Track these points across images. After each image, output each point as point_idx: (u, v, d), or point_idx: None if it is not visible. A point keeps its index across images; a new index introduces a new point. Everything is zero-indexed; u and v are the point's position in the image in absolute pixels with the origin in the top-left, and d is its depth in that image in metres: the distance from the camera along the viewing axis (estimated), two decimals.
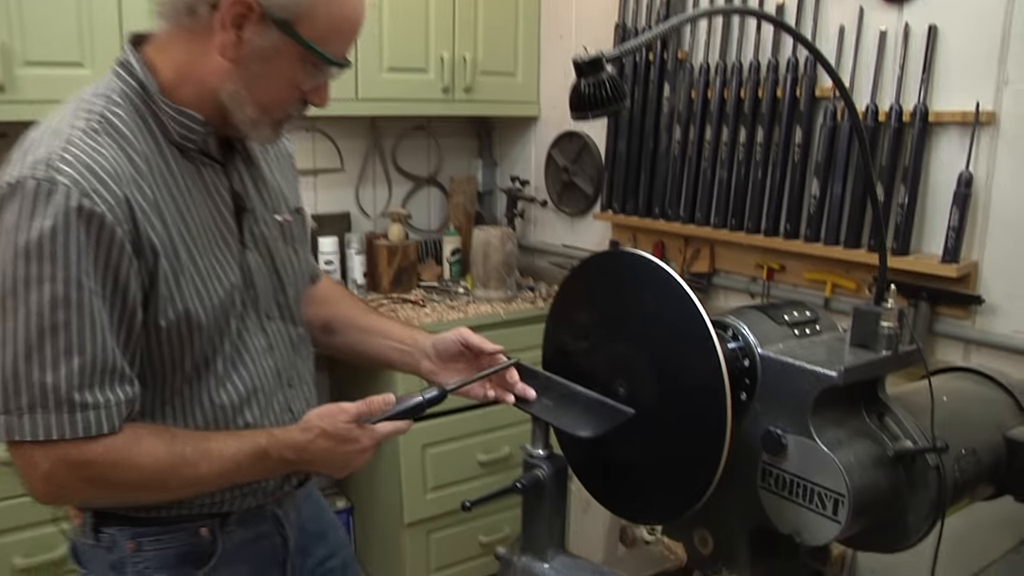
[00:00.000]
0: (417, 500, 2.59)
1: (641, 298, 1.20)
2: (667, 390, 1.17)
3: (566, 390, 1.28)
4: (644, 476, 1.24)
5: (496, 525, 2.80)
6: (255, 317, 1.24)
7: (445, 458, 2.62)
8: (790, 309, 1.36)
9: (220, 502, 1.21)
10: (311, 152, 2.89)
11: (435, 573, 2.72)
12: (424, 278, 2.94)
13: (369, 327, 1.44)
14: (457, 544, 2.73)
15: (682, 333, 1.14)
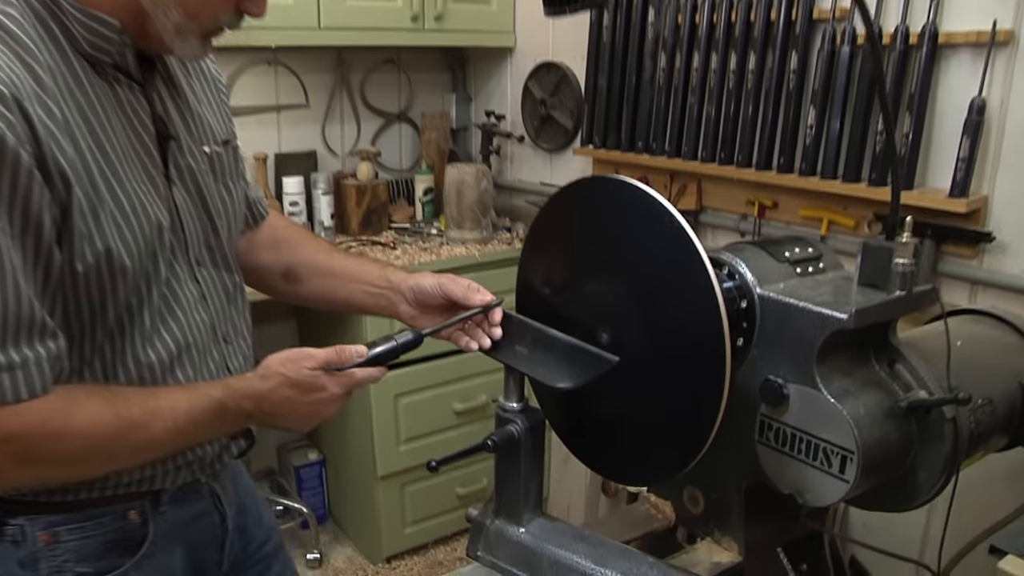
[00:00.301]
0: (390, 452, 2.48)
1: (627, 231, 1.06)
2: (656, 335, 1.04)
3: (542, 336, 1.14)
4: (630, 433, 1.12)
5: (474, 476, 2.71)
6: (185, 263, 1.08)
7: (419, 408, 2.50)
8: (791, 245, 1.22)
9: (151, 478, 1.06)
10: (273, 87, 2.71)
11: (411, 527, 2.63)
12: (395, 219, 2.81)
13: (338, 270, 1.28)
14: (433, 497, 2.64)
15: (674, 270, 1.00)
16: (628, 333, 1.06)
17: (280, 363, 1.03)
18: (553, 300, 1.18)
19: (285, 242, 1.31)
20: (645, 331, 1.04)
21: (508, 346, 1.16)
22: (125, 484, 1.04)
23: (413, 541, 2.65)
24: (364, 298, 1.25)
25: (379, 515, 2.55)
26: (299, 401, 1.02)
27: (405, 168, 3.03)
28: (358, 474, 2.61)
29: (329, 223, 2.64)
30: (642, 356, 1.05)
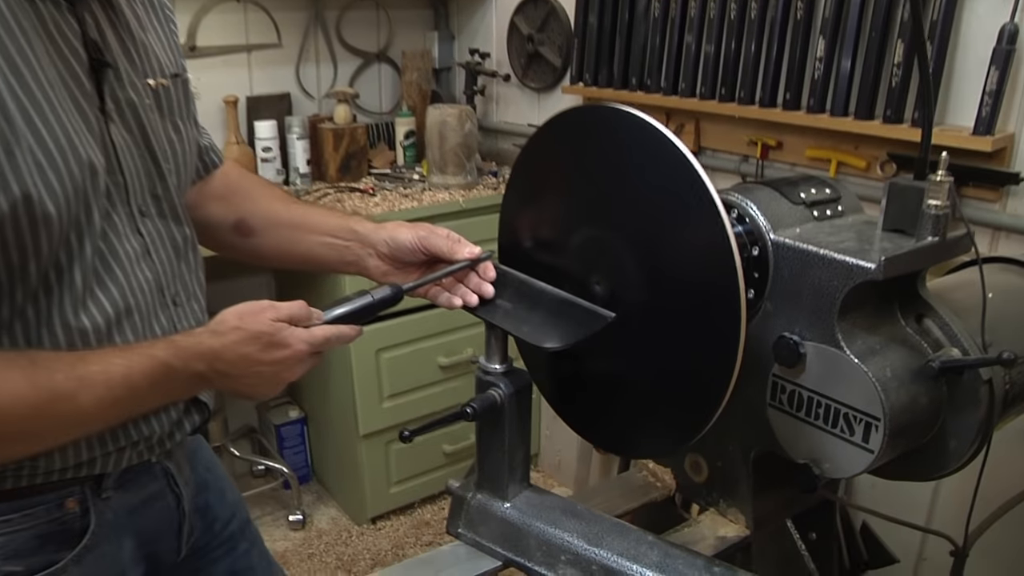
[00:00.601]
0: (373, 410, 2.37)
1: (624, 167, 0.92)
2: (658, 286, 0.91)
3: (528, 289, 1.01)
4: (629, 398, 0.99)
5: (462, 433, 2.60)
6: (125, 213, 0.94)
7: (402, 363, 2.38)
8: (806, 185, 1.09)
9: (90, 462, 0.93)
10: (243, 25, 2.54)
11: (396, 486, 2.53)
12: (375, 165, 2.67)
13: (296, 221, 1.13)
14: (418, 455, 2.54)
15: (678, 211, 0.87)
16: (626, 284, 0.93)
17: (237, 316, 0.88)
18: (540, 248, 1.05)
19: (237, 192, 1.16)
20: (645, 281, 0.92)
21: (489, 301, 1.03)
22: (59, 469, 0.90)
23: (399, 501, 2.56)
24: (326, 252, 1.10)
25: (363, 475, 2.45)
26: (258, 360, 0.87)
27: (385, 111, 2.87)
28: (340, 432, 2.50)
29: (305, 169, 2.49)
30: (642, 310, 0.92)
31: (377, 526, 2.52)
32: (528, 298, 1.00)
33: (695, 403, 0.90)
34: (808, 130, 1.72)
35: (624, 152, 0.91)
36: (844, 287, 0.93)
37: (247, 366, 0.88)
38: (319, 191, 2.42)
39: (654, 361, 0.93)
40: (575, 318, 0.94)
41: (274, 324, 0.87)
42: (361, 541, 2.46)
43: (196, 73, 2.53)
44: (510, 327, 0.98)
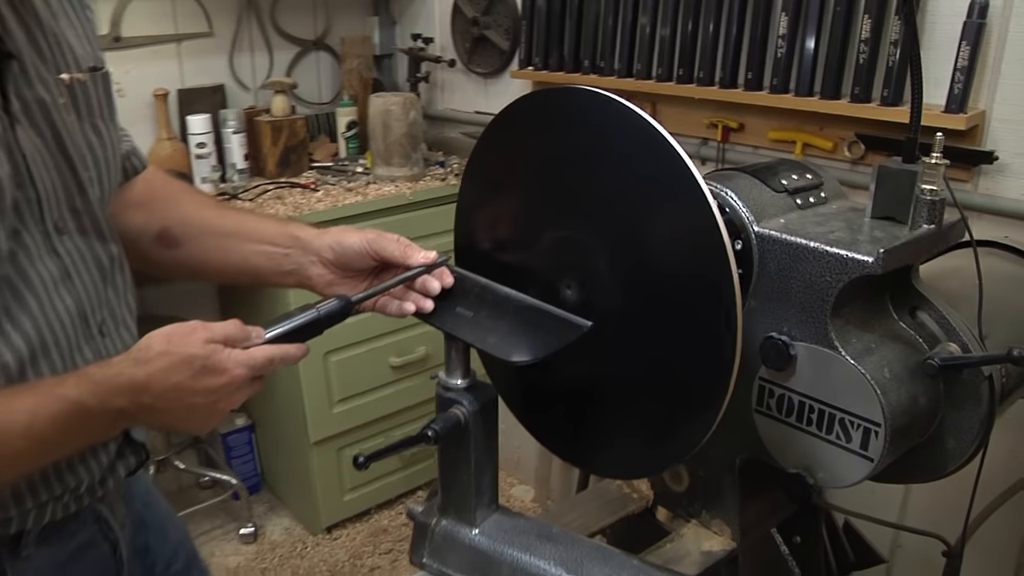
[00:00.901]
0: (323, 416, 2.25)
1: (596, 156, 0.82)
2: (637, 287, 0.82)
3: (490, 295, 0.91)
4: (609, 414, 0.89)
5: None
6: (38, 232, 0.81)
7: (351, 365, 2.26)
8: (786, 171, 1.01)
9: (5, 522, 0.80)
10: (171, 14, 2.38)
11: (351, 492, 2.42)
12: (317, 158, 2.54)
13: (228, 228, 1.00)
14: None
15: (660, 203, 0.78)
16: (601, 287, 0.84)
17: (164, 339, 0.76)
18: (502, 249, 0.95)
19: (161, 198, 1.02)
20: (623, 283, 0.82)
21: (447, 309, 0.92)
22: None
23: (354, 508, 2.45)
24: (263, 261, 0.98)
25: (315, 483, 2.33)
26: (191, 389, 0.75)
27: (325, 101, 2.73)
28: (290, 439, 2.38)
29: (242, 165, 2.35)
30: (620, 315, 0.82)
31: (333, 535, 2.41)
32: (492, 305, 0.89)
33: (682, 422, 0.81)
34: (771, 111, 1.64)
35: (597, 139, 0.81)
36: (838, 283, 0.85)
37: (178, 397, 0.75)
38: (258, 187, 2.28)
39: (635, 371, 0.84)
40: (546, 327, 0.84)
41: (207, 346, 0.75)
42: (317, 552, 2.35)
43: (122, 66, 2.38)
44: (473, 339, 0.87)
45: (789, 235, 0.88)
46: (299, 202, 2.15)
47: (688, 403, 0.80)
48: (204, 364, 0.74)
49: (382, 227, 2.19)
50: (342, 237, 0.95)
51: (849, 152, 1.55)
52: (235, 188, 2.26)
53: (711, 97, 1.70)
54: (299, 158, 2.44)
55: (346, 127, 2.54)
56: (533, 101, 0.89)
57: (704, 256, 0.74)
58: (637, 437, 0.86)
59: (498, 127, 0.93)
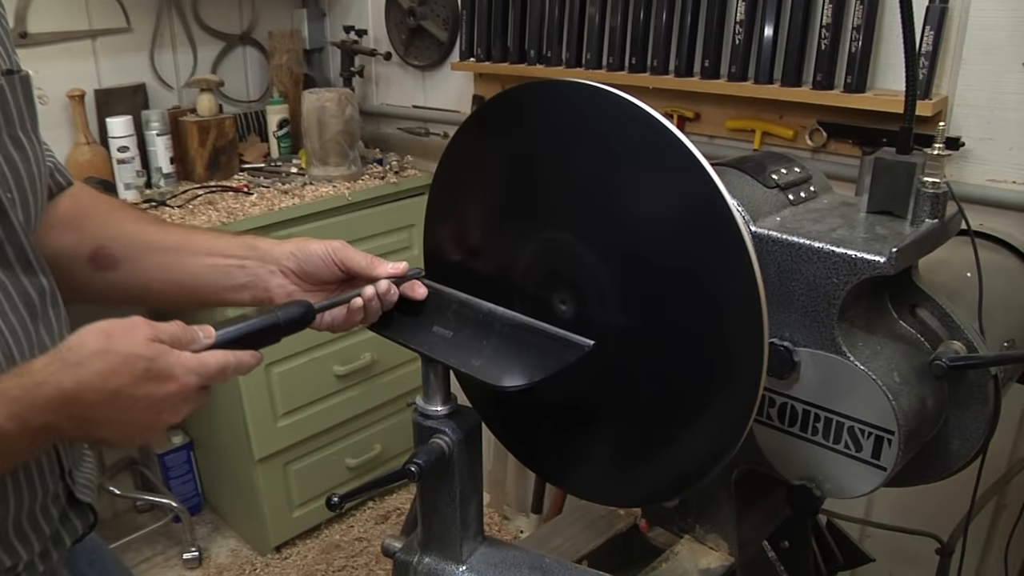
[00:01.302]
0: (267, 431, 2.13)
1: (592, 157, 0.74)
2: (638, 292, 0.74)
3: (472, 312, 0.83)
4: (612, 439, 0.82)
5: (364, 444, 2.40)
6: None
7: (295, 376, 2.15)
8: (773, 165, 0.95)
9: None
10: (83, 8, 2.21)
11: (300, 509, 2.31)
12: (248, 159, 2.42)
13: (174, 243, 0.89)
14: (321, 473, 2.33)
15: (671, 205, 0.71)
16: (600, 300, 0.76)
17: (100, 336, 0.64)
18: (479, 260, 0.86)
19: (91, 216, 0.90)
20: (622, 288, 0.75)
21: (422, 328, 0.84)
22: None
23: (304, 524, 2.34)
24: (214, 275, 0.88)
25: (261, 501, 2.21)
26: (131, 397, 0.64)
27: (253, 99, 2.59)
28: (232, 457, 2.26)
29: (169, 169, 2.21)
30: (626, 331, 0.75)
31: (283, 555, 2.29)
32: (474, 324, 0.81)
33: (699, 446, 0.74)
34: (728, 99, 1.59)
35: (593, 138, 0.73)
36: (846, 284, 0.79)
37: (116, 407, 0.64)
38: (187, 192, 2.14)
39: (645, 396, 0.76)
40: (539, 347, 0.76)
41: (153, 347, 0.64)
42: (267, 574, 2.23)
43: (31, 64, 2.15)
44: (455, 362, 0.79)
45: (790, 235, 0.83)
46: (232, 207, 2.03)
47: (706, 421, 0.73)
48: (149, 368, 0.64)
49: (322, 230, 2.11)
50: (304, 244, 0.87)
51: (811, 140, 1.51)
52: (162, 194, 2.12)
53: (666, 86, 1.64)
54: (229, 160, 2.31)
55: (277, 126, 2.42)
56: (509, 99, 0.81)
57: (722, 266, 0.67)
58: (642, 465, 0.79)
59: (469, 129, 0.85)
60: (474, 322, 0.81)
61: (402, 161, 2.36)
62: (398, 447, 2.49)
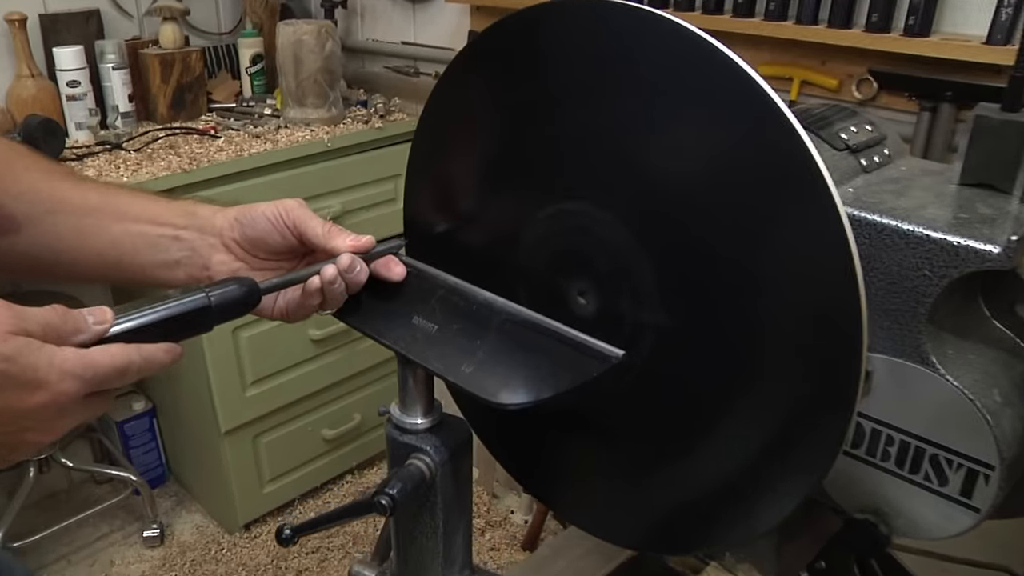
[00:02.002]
0: (234, 401, 1.99)
1: (627, 102, 0.58)
2: (694, 297, 0.58)
3: (464, 302, 0.68)
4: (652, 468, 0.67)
5: (343, 414, 2.27)
6: None
7: (266, 341, 2.00)
8: (841, 121, 0.79)
9: None
10: None
11: (270, 484, 2.18)
12: (217, 98, 2.24)
13: (93, 205, 0.73)
14: (295, 446, 2.20)
15: (735, 166, 0.55)
16: (634, 294, 0.60)
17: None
18: (477, 237, 0.70)
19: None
20: (671, 288, 0.59)
21: (400, 318, 0.69)
22: None
23: (275, 500, 2.21)
24: (140, 246, 0.72)
25: (229, 476, 2.08)
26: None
27: (224, 30, 2.41)
28: (197, 428, 2.12)
29: (127, 108, 2.03)
30: (667, 335, 0.59)
31: (252, 533, 2.16)
32: (465, 317, 0.66)
33: (767, 483, 0.59)
34: (764, 41, 1.42)
35: (630, 76, 0.57)
36: (942, 279, 0.64)
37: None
38: (147, 134, 1.97)
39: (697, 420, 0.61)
40: (550, 354, 0.61)
41: (12, 341, 0.49)
42: (234, 555, 2.10)
43: None
44: (440, 366, 0.64)
45: (869, 212, 0.67)
46: (196, 152, 1.85)
47: (773, 454, 0.58)
48: (5, 371, 0.49)
49: (297, 179, 1.94)
50: (248, 209, 0.73)
51: (858, 92, 1.34)
52: (118, 136, 1.94)
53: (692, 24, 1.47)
54: (196, 98, 2.13)
55: (250, 61, 2.23)
56: (509, 26, 0.65)
57: (806, 255, 0.52)
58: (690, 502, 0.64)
59: (463, 66, 0.68)
60: (466, 315, 0.66)
61: (388, 104, 2.19)
62: (378, 417, 2.33)
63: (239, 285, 0.61)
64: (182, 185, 1.71)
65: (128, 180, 1.64)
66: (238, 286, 0.61)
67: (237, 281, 0.62)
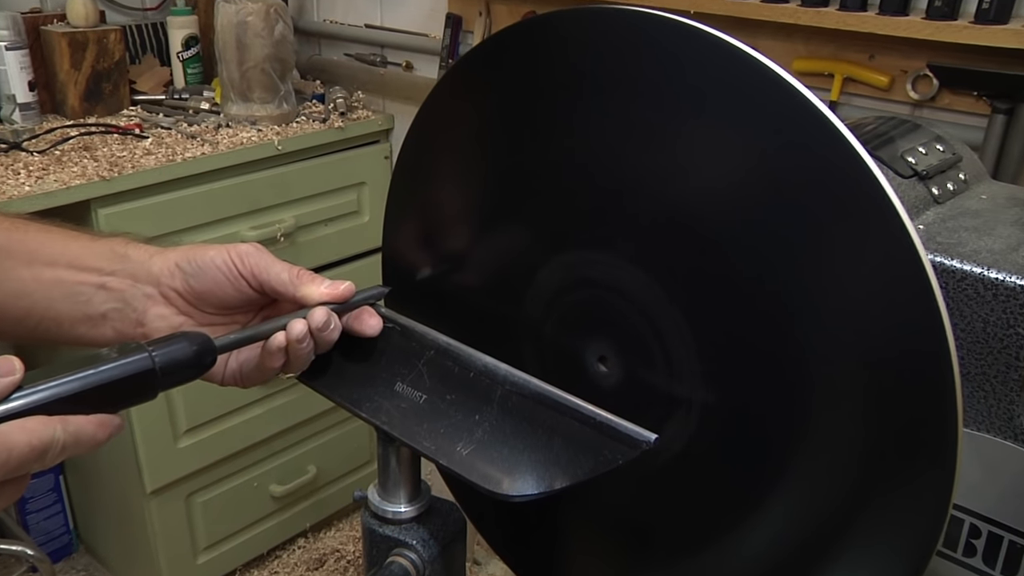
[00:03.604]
0: (164, 453, 1.99)
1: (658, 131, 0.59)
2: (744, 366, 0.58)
3: (459, 366, 0.67)
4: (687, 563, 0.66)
5: (296, 466, 2.28)
6: None
7: (202, 382, 1.96)
8: (907, 139, 0.79)
9: None
10: None
11: (207, 553, 2.19)
12: (141, 88, 2.24)
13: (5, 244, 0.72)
14: (237, 505, 2.19)
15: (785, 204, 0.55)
16: (668, 363, 0.60)
17: None
18: (475, 286, 0.69)
19: None
20: (714, 355, 0.59)
21: (379, 384, 0.69)
22: None
23: (212, 572, 2.21)
24: (59, 297, 0.71)
25: (155, 546, 2.07)
26: None
27: (150, 6, 2.42)
28: (117, 488, 2.11)
29: (27, 98, 2.02)
30: (710, 411, 0.59)
31: None
32: (460, 385, 0.65)
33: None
34: (799, 31, 1.43)
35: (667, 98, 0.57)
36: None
37: None
38: (54, 132, 1.95)
39: (736, 506, 0.60)
40: (565, 435, 0.59)
41: None
42: None
43: None
44: (430, 448, 0.63)
45: (945, 255, 0.66)
46: (118, 155, 1.84)
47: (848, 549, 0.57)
48: None
49: (241, 188, 1.94)
50: (194, 253, 0.71)
51: (914, 91, 1.35)
52: (16, 133, 1.91)
53: (712, 11, 1.48)
54: (115, 89, 2.13)
55: (183, 44, 2.24)
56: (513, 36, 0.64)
57: (882, 317, 0.51)
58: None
59: (457, 80, 0.67)
60: (461, 383, 0.65)
61: (350, 99, 2.20)
62: (338, 468, 2.37)
63: (189, 342, 0.60)
64: (100, 196, 1.70)
65: (31, 190, 1.61)
66: (188, 343, 0.60)
67: (187, 337, 0.61)
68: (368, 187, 2.17)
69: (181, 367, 0.60)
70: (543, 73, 0.64)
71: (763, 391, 0.56)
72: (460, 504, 0.73)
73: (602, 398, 0.60)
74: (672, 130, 0.57)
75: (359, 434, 2.38)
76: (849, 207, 0.52)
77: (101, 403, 0.55)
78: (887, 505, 0.54)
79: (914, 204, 0.73)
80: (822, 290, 0.53)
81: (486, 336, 0.66)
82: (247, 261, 0.69)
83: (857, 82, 1.42)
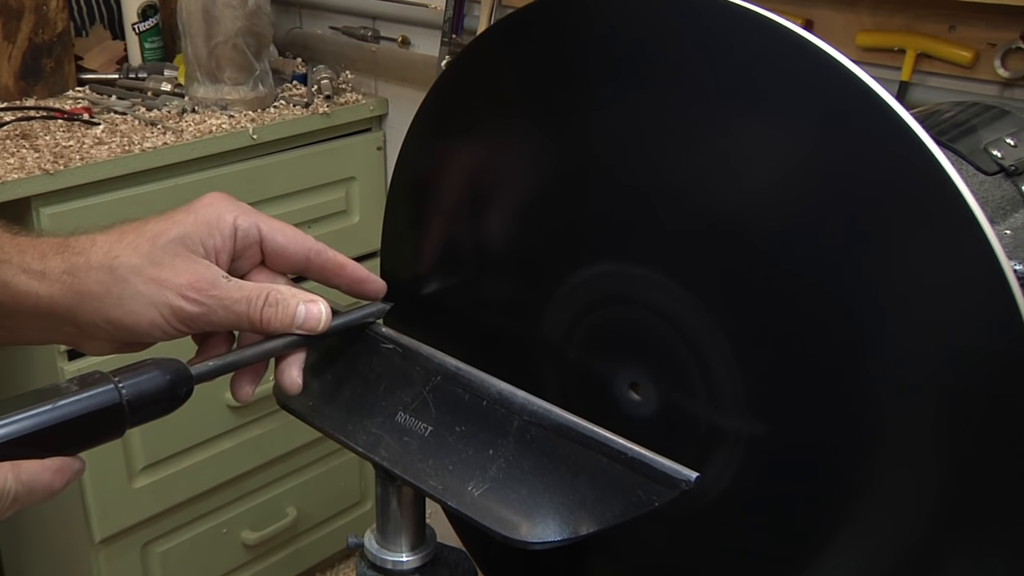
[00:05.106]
0: (116, 495, 2.03)
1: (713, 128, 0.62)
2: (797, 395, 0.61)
3: (473, 395, 0.69)
4: None
5: (273, 507, 2.33)
6: None
7: None
8: (991, 128, 0.83)
9: None
10: None
11: None
12: (90, 65, 2.30)
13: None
14: (203, 555, 2.24)
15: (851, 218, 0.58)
16: (711, 391, 0.63)
17: None
18: (485, 301, 0.74)
19: None
20: (763, 384, 0.62)
21: (378, 415, 0.72)
22: None
23: None
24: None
25: None
26: None
27: None
28: (60, 538, 2.16)
29: None
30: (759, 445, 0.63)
31: None
32: (472, 416, 0.68)
33: None
34: (862, 1, 1.45)
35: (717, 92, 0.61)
36: None
37: None
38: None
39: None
40: (593, 473, 0.62)
41: None
42: None
43: None
44: (437, 487, 0.66)
45: None
46: (63, 144, 1.88)
47: None
48: None
49: (210, 184, 1.98)
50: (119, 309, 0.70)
51: (1003, 68, 1.37)
52: None
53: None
54: (58, 65, 2.18)
55: (139, 15, 2.29)
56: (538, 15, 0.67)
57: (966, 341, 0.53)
58: None
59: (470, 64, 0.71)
60: (471, 413, 0.69)
61: (336, 80, 2.25)
62: (322, 511, 2.42)
63: (162, 371, 0.62)
64: (42, 193, 1.73)
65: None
66: (160, 373, 0.62)
67: (159, 366, 0.62)
68: (358, 182, 2.21)
69: (152, 400, 0.62)
70: (571, 56, 0.67)
71: (822, 422, 0.59)
72: (470, 552, 0.76)
73: (634, 430, 0.63)
74: (719, 124, 0.60)
75: (347, 471, 2.42)
76: (918, 209, 0.54)
77: (59, 445, 0.58)
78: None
79: (999, 205, 0.75)
80: (885, 304, 0.55)
81: (500, 359, 0.69)
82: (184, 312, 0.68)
83: (934, 59, 1.45)
